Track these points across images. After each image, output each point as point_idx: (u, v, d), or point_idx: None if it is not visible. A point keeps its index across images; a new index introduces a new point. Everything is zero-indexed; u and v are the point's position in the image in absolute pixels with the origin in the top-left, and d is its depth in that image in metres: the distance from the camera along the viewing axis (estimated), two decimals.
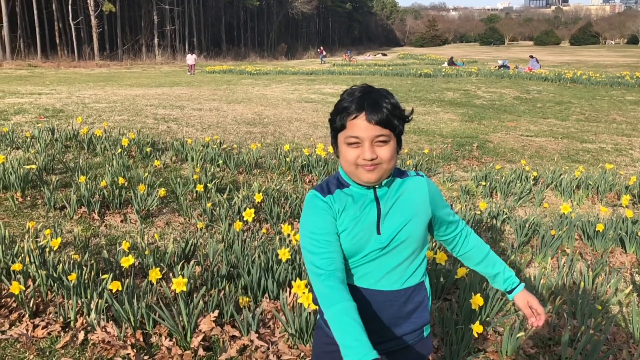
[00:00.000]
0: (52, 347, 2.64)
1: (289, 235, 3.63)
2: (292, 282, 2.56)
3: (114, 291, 2.84)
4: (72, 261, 3.25)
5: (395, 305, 1.48)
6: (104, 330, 2.73)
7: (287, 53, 60.53)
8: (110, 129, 7.60)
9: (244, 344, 2.72)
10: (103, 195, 4.68)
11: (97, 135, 6.60)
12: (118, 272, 3.36)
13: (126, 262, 2.97)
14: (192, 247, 3.72)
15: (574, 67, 29.02)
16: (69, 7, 38.95)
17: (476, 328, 2.45)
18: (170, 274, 3.34)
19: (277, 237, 3.74)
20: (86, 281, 3.01)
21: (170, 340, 2.72)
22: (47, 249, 3.41)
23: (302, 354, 2.67)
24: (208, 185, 5.15)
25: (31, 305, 2.89)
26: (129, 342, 2.66)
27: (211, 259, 3.53)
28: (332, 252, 1.39)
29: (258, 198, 4.39)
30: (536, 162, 7.57)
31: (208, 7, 55.01)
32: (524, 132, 10.03)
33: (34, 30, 37.88)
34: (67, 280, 2.95)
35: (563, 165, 7.42)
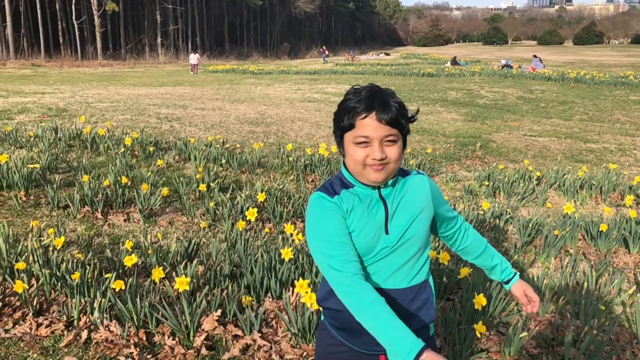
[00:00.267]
0: (56, 345, 2.65)
1: (291, 234, 3.62)
2: (295, 282, 2.57)
3: (117, 290, 2.84)
4: (75, 260, 3.26)
5: (403, 303, 1.48)
6: (107, 329, 2.73)
7: (290, 52, 60.55)
8: (113, 129, 7.62)
9: (246, 343, 2.72)
10: (106, 194, 4.69)
11: (100, 134, 6.62)
12: (121, 271, 3.36)
13: (129, 261, 2.98)
14: (195, 246, 3.73)
15: (577, 67, 28.94)
16: (73, 6, 39.04)
17: (479, 328, 2.44)
18: (173, 273, 3.34)
19: (279, 237, 3.75)
20: (89, 280, 3.02)
21: (173, 339, 2.72)
22: (50, 248, 3.42)
23: (304, 353, 2.67)
24: (211, 184, 5.16)
25: (35, 304, 2.90)
26: (132, 341, 2.67)
27: (214, 259, 3.54)
28: (350, 252, 1.38)
29: (261, 197, 4.39)
30: (539, 162, 7.55)
31: (211, 6, 55.05)
32: (527, 131, 10.01)
33: (38, 29, 37.98)
34: (71, 279, 2.96)
35: (566, 165, 7.40)
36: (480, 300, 2.48)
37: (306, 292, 2.43)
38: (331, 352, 1.56)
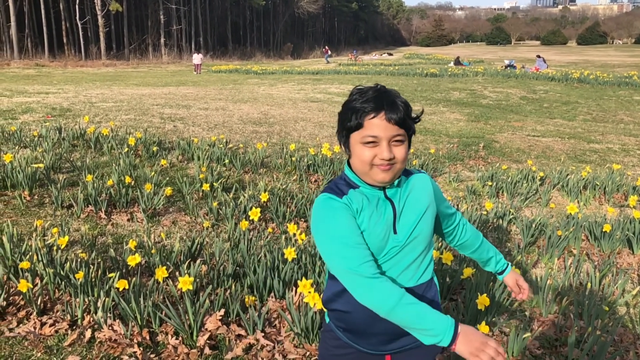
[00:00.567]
0: (60, 345, 2.66)
1: (294, 234, 3.63)
2: (298, 282, 2.57)
3: (120, 289, 2.85)
4: (79, 259, 3.27)
5: None
6: (110, 328, 2.74)
7: (293, 52, 60.57)
8: (117, 128, 7.64)
9: (249, 343, 2.72)
10: (110, 194, 4.70)
11: (104, 134, 6.63)
12: (125, 270, 3.37)
13: (133, 260, 2.98)
14: (199, 246, 3.74)
15: (581, 67, 28.85)
16: (76, 6, 39.15)
17: (482, 328, 2.44)
18: (177, 273, 3.35)
19: (283, 237, 3.75)
20: (93, 279, 3.03)
21: (176, 338, 2.73)
22: (54, 248, 3.43)
23: (307, 353, 2.67)
24: (214, 184, 5.17)
25: (39, 303, 2.91)
26: (135, 341, 2.67)
27: (217, 258, 3.54)
28: (366, 252, 1.36)
29: (264, 197, 4.39)
30: (543, 163, 7.54)
31: (214, 6, 55.12)
32: (530, 132, 9.99)
33: (42, 29, 38.10)
34: (75, 278, 2.97)
35: (570, 165, 7.39)
36: (483, 301, 2.48)
37: (309, 292, 2.43)
38: (336, 354, 1.56)
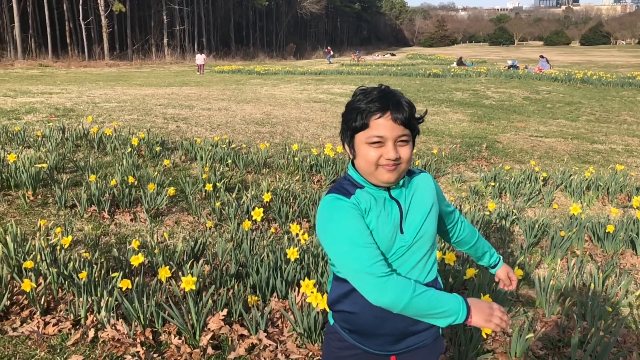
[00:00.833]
0: (63, 344, 2.67)
1: (297, 234, 3.63)
2: (301, 282, 2.57)
3: (123, 289, 2.86)
4: (82, 259, 3.28)
5: None
6: (113, 328, 2.75)
7: (296, 53, 60.59)
8: (120, 128, 7.65)
9: (252, 343, 2.73)
10: (113, 194, 4.71)
11: (107, 134, 6.65)
12: (128, 270, 3.38)
13: (136, 260, 2.99)
14: (201, 246, 3.74)
15: (584, 68, 28.79)
16: (80, 7, 39.26)
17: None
18: (180, 273, 3.36)
19: (285, 237, 3.75)
20: (96, 279, 3.04)
21: (179, 338, 2.73)
22: (58, 247, 3.44)
23: (310, 353, 2.67)
24: (217, 184, 5.17)
25: (42, 302, 2.92)
26: (138, 340, 2.68)
27: (220, 258, 3.55)
28: (376, 251, 1.35)
29: (267, 197, 4.40)
30: (546, 163, 7.52)
31: (217, 7, 55.17)
32: (533, 132, 9.98)
33: (45, 30, 38.20)
34: (78, 278, 2.98)
35: (573, 166, 7.37)
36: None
37: (312, 292, 2.43)
38: (340, 356, 1.55)
